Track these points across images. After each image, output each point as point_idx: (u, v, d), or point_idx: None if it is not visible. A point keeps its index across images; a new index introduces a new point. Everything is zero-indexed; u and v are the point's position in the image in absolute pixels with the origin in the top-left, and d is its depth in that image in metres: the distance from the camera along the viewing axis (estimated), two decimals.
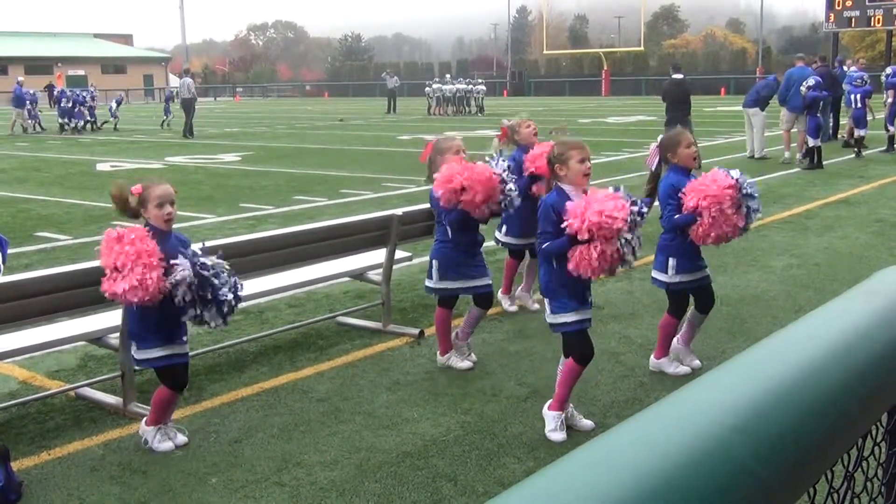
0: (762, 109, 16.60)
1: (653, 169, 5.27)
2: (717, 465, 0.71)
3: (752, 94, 16.87)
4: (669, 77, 16.27)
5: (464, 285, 5.34)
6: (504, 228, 6.63)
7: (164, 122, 31.37)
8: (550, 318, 4.42)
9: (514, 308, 6.68)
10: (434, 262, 5.35)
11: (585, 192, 4.31)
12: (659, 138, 5.38)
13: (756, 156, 16.69)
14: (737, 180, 4.91)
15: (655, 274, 5.26)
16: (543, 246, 4.27)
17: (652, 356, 5.36)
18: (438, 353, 5.53)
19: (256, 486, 3.96)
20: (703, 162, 16.25)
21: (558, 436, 4.40)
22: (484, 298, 5.38)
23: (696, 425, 0.75)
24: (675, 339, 5.46)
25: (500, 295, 6.65)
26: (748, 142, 17.21)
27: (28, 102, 29.40)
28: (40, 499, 3.90)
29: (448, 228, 5.26)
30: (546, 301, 4.46)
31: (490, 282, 5.40)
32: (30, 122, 29.72)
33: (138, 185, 4.28)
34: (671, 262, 5.13)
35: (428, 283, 5.41)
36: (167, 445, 4.34)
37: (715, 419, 0.77)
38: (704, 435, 0.74)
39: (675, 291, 5.22)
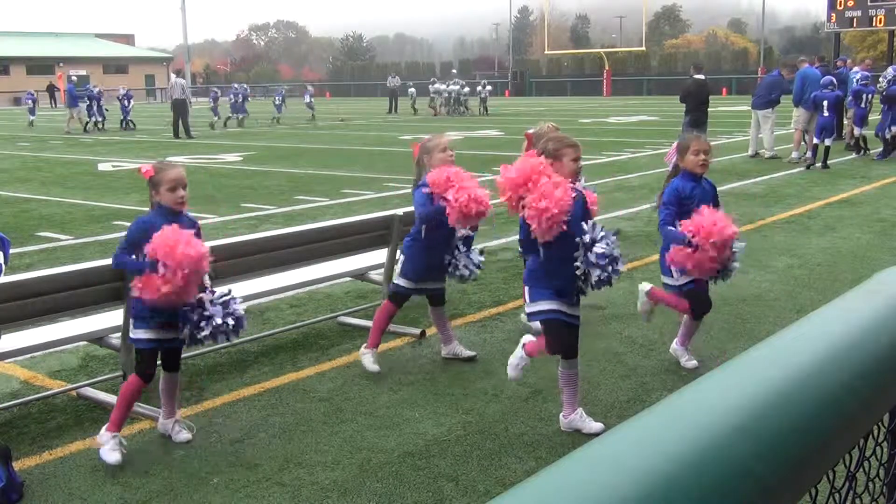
0: (773, 108, 16.62)
1: (670, 167, 5.25)
2: (719, 466, 0.71)
3: (762, 95, 16.73)
4: (691, 77, 16.17)
5: (419, 287, 5.39)
6: None
7: (243, 118, 31.13)
8: (529, 306, 4.40)
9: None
10: (401, 257, 5.40)
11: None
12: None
13: (767, 155, 16.70)
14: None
15: (663, 279, 5.25)
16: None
17: (675, 342, 5.39)
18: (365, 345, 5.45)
19: (258, 486, 3.96)
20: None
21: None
22: (438, 297, 5.47)
23: (697, 425, 0.75)
24: (674, 342, 5.47)
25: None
26: (752, 141, 17.20)
27: (88, 99, 29.79)
28: (42, 499, 3.91)
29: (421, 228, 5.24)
30: (526, 288, 4.42)
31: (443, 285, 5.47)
32: (89, 119, 29.93)
33: (148, 166, 4.30)
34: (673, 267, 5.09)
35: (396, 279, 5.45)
36: (116, 457, 4.16)
37: (716, 419, 0.77)
38: (706, 435, 0.74)
39: (689, 292, 5.16)
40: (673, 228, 4.92)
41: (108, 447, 4.17)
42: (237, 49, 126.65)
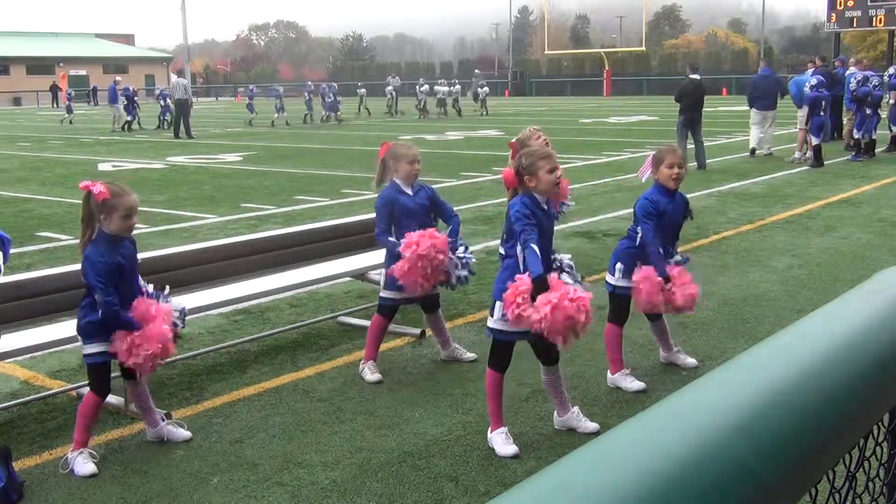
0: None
1: (642, 180, 5.19)
2: (718, 465, 0.71)
3: (770, 96, 16.80)
4: (686, 77, 16.20)
5: (407, 296, 5.30)
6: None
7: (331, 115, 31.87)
8: (493, 322, 4.27)
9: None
10: (382, 270, 5.35)
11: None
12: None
13: (765, 152, 16.76)
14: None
15: (607, 277, 5.19)
16: (533, 246, 4.04)
17: (608, 373, 5.16)
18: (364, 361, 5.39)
19: (258, 486, 3.96)
20: (707, 161, 16.14)
21: (509, 449, 4.25)
22: (430, 303, 5.43)
23: (697, 425, 0.75)
24: (660, 351, 5.46)
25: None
26: (753, 140, 17.23)
27: (125, 99, 30.06)
28: (42, 499, 3.91)
29: (395, 229, 5.19)
30: (498, 304, 4.23)
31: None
32: (128, 118, 30.13)
33: (102, 187, 3.99)
34: (619, 266, 5.05)
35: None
36: (90, 468, 4.12)
37: (716, 419, 0.77)
38: (705, 435, 0.74)
39: (617, 295, 5.09)
40: (650, 246, 4.84)
41: (80, 462, 4.12)
42: (237, 49, 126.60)
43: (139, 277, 4.27)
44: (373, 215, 6.45)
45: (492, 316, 4.30)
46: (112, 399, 4.93)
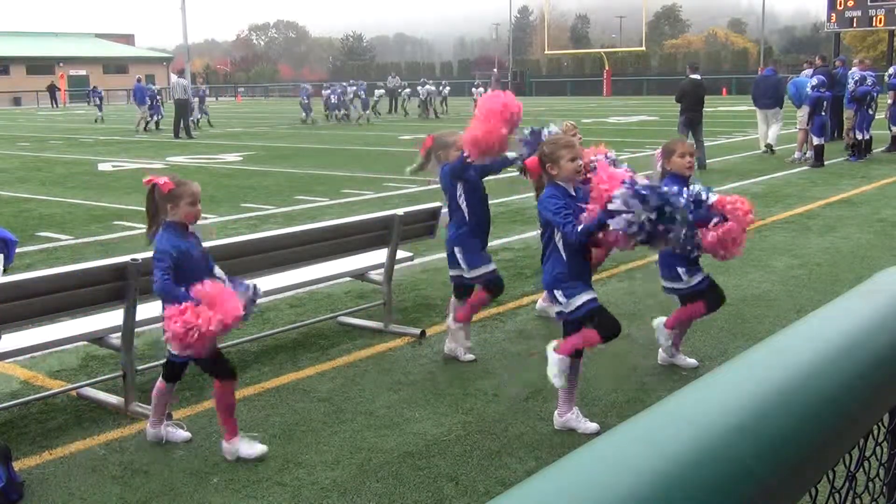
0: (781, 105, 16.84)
1: (658, 170, 5.25)
2: (718, 465, 0.71)
3: (771, 96, 16.88)
4: (687, 77, 16.24)
5: (489, 269, 5.47)
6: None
7: (307, 117, 32.27)
8: (568, 306, 4.35)
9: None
10: (456, 248, 5.40)
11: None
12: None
13: (763, 148, 16.87)
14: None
15: (666, 283, 5.22)
16: (578, 228, 4.10)
17: (663, 323, 5.33)
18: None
19: (258, 486, 3.96)
20: (707, 161, 16.13)
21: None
22: (496, 284, 5.52)
23: (696, 425, 0.75)
24: (660, 352, 5.46)
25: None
26: (762, 138, 17.26)
27: (148, 99, 30.16)
28: (41, 499, 3.91)
29: (466, 204, 5.37)
30: (558, 292, 4.36)
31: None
32: (153, 118, 30.18)
33: (166, 179, 4.19)
34: (680, 270, 5.09)
35: (458, 272, 5.45)
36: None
37: (716, 419, 0.77)
38: (705, 435, 0.74)
39: (688, 296, 5.17)
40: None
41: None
42: (237, 49, 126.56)
43: (215, 267, 4.38)
44: (373, 215, 6.46)
45: (554, 302, 4.45)
46: (112, 399, 4.94)
